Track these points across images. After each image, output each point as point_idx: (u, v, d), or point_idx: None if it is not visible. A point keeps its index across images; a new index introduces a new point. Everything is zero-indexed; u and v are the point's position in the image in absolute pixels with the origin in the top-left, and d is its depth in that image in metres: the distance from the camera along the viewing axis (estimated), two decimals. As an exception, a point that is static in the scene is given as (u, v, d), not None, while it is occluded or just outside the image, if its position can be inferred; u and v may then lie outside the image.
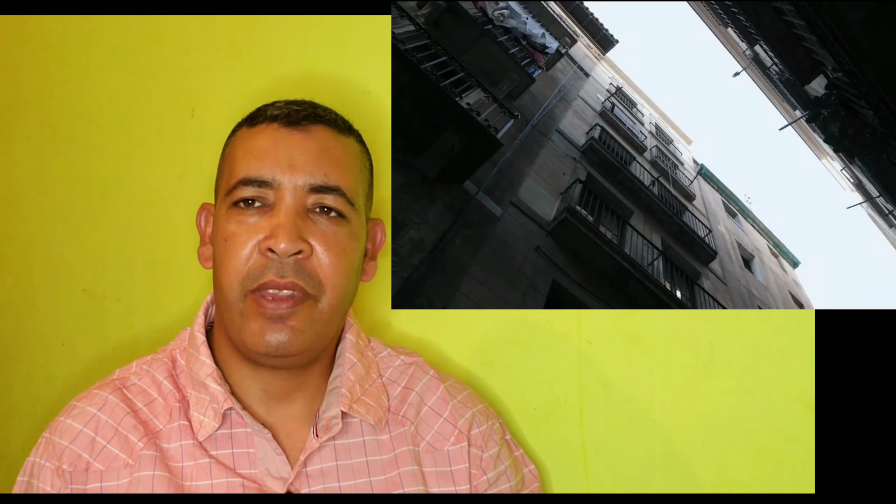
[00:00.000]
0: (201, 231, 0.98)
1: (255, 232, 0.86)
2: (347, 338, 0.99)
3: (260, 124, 0.91)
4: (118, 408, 0.92)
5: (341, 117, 0.96)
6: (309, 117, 0.91)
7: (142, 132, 1.53)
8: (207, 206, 0.98)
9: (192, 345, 0.96)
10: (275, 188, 0.87)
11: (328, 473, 0.92)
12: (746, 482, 1.06)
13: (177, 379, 0.96)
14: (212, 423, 0.90)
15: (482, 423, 1.01)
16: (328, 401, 0.94)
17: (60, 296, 1.67)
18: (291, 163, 0.87)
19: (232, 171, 0.90)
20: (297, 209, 0.87)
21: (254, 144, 0.89)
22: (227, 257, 0.87)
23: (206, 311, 0.99)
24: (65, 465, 0.89)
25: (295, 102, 0.93)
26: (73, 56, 1.62)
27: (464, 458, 0.98)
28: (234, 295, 0.87)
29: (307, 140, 0.89)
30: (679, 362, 1.10)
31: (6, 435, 1.75)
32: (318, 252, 0.87)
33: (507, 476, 1.02)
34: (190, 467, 0.89)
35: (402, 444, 0.96)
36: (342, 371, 0.96)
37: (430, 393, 1.00)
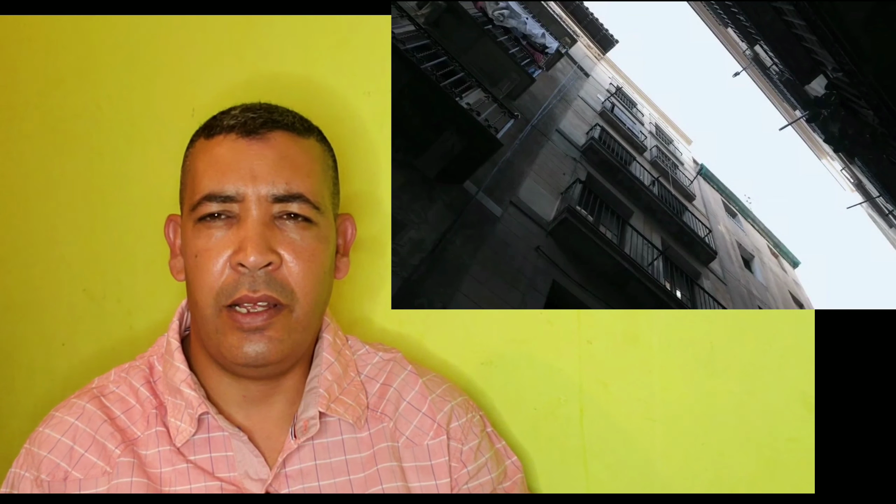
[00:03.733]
0: (170, 243, 0.98)
1: (223, 247, 0.86)
2: (325, 337, 0.99)
3: (217, 135, 0.90)
4: (95, 416, 0.93)
5: (299, 118, 0.95)
6: (266, 124, 0.90)
7: (142, 132, 1.53)
8: (174, 217, 0.98)
9: (167, 351, 0.96)
10: (239, 201, 0.87)
11: (307, 473, 0.92)
12: (746, 482, 1.06)
13: (154, 385, 0.96)
14: (188, 429, 0.90)
15: (461, 416, 1.01)
16: (306, 401, 0.94)
17: (60, 296, 1.67)
18: (252, 174, 0.87)
19: (195, 185, 0.90)
20: (262, 220, 0.87)
21: (213, 157, 0.89)
22: (199, 273, 0.87)
23: (180, 317, 0.99)
24: (43, 475, 0.90)
25: (251, 108, 0.92)
26: (73, 56, 1.62)
27: (443, 451, 0.98)
28: (210, 311, 0.87)
29: (266, 149, 0.88)
30: (679, 362, 1.10)
31: (6, 435, 1.75)
32: (287, 261, 0.87)
33: (488, 468, 1.02)
34: (168, 473, 0.90)
35: (381, 441, 0.96)
36: (319, 371, 0.96)
37: (408, 388, 1.00)
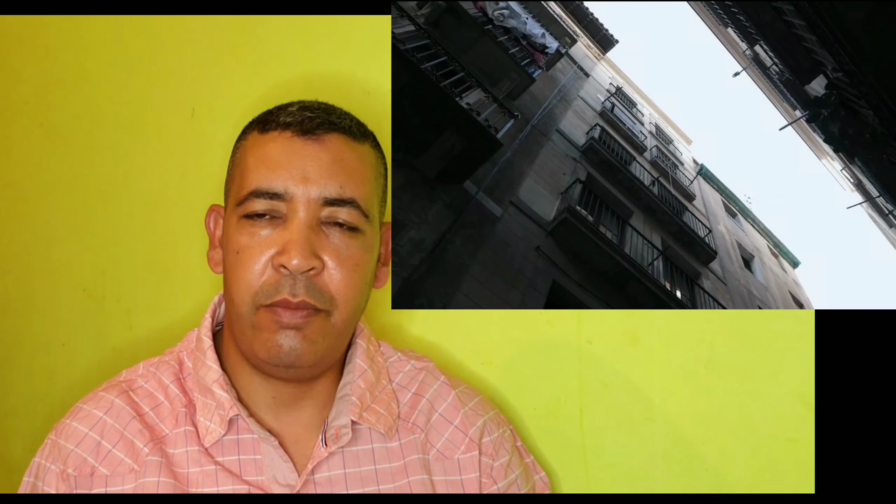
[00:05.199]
0: (210, 233, 0.96)
1: (267, 246, 0.84)
2: (358, 343, 0.97)
3: (272, 131, 0.87)
4: (124, 411, 0.90)
5: (357, 122, 0.92)
6: (323, 125, 0.87)
7: (142, 132, 1.53)
8: (217, 207, 0.96)
9: (199, 348, 0.94)
10: (287, 200, 0.84)
11: (336, 481, 0.90)
12: (746, 482, 1.06)
13: (183, 382, 0.94)
14: (218, 430, 0.88)
15: (493, 431, 0.99)
16: (338, 409, 0.92)
17: (60, 296, 1.67)
18: (305, 175, 0.84)
19: (243, 179, 0.87)
20: (309, 223, 0.84)
21: (266, 153, 0.86)
22: (239, 270, 0.85)
23: (213, 314, 0.97)
24: (70, 470, 0.88)
25: (308, 107, 0.89)
26: (73, 56, 1.62)
27: (474, 467, 0.96)
28: (246, 309, 0.85)
29: (321, 150, 0.86)
30: (679, 362, 1.10)
31: (6, 435, 1.75)
32: (329, 267, 0.85)
33: (518, 485, 1.00)
34: (196, 474, 0.88)
35: (412, 453, 0.94)
36: (352, 378, 0.94)
37: (440, 400, 0.98)
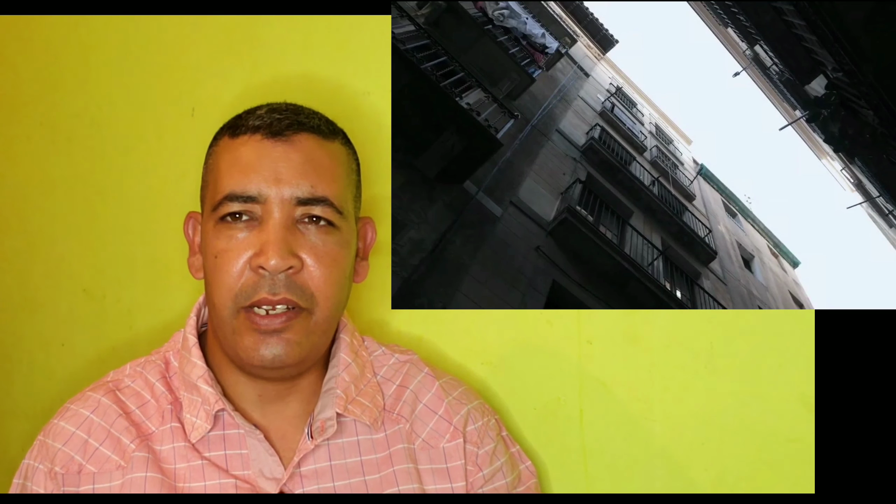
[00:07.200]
0: (190, 240, 0.98)
1: (244, 248, 0.86)
2: (342, 338, 0.99)
3: (242, 135, 0.89)
4: (111, 410, 0.92)
5: (325, 119, 0.94)
6: (292, 126, 0.89)
7: (142, 132, 1.53)
8: (194, 214, 0.98)
9: (184, 347, 0.96)
10: (262, 202, 0.86)
11: (322, 473, 0.92)
12: (746, 482, 1.06)
13: (170, 381, 0.96)
14: (204, 425, 0.90)
15: (478, 420, 1.01)
16: (323, 402, 0.94)
17: (60, 296, 1.67)
18: (277, 176, 0.86)
19: (217, 184, 0.89)
20: (285, 223, 0.86)
21: (237, 157, 0.88)
22: (219, 274, 0.87)
23: (197, 313, 0.99)
24: (57, 468, 0.89)
25: (276, 109, 0.91)
26: (73, 56, 1.62)
27: (459, 454, 0.98)
28: (228, 312, 0.87)
29: (291, 151, 0.87)
30: (679, 362, 1.10)
31: (6, 435, 1.75)
32: (308, 265, 0.87)
33: (503, 472, 1.02)
34: (183, 469, 0.90)
35: (397, 442, 0.96)
36: (337, 372, 0.96)
37: (424, 390, 1.00)
